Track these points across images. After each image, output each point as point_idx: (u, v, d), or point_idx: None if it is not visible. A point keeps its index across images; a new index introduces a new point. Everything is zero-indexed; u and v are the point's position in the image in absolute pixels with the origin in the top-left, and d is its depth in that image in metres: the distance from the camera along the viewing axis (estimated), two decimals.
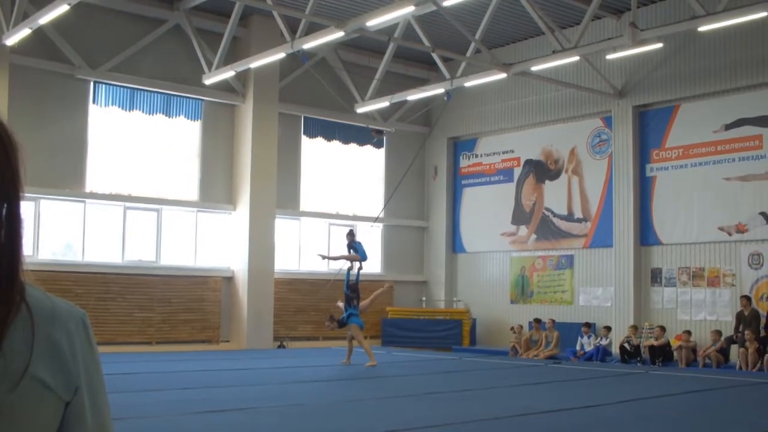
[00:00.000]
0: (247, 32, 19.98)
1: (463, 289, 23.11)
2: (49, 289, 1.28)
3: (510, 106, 21.93)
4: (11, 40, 16.00)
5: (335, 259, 16.61)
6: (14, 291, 1.25)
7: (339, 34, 15.48)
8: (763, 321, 16.33)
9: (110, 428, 1.36)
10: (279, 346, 20.33)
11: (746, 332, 15.97)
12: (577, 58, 16.74)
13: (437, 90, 19.42)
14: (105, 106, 18.76)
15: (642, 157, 19.24)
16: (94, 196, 18.44)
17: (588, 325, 18.84)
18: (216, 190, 20.36)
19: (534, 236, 21.52)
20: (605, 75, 19.33)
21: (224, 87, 19.98)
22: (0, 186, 1.25)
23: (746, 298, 16.76)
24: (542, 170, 21.46)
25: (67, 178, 18.06)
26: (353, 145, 22.87)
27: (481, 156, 22.99)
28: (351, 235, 16.43)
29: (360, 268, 15.91)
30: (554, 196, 21.13)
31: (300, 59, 18.00)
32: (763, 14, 14.09)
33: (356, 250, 16.13)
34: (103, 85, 18.69)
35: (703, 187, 18.05)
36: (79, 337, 1.32)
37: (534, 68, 17.61)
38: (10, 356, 1.21)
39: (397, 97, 19.98)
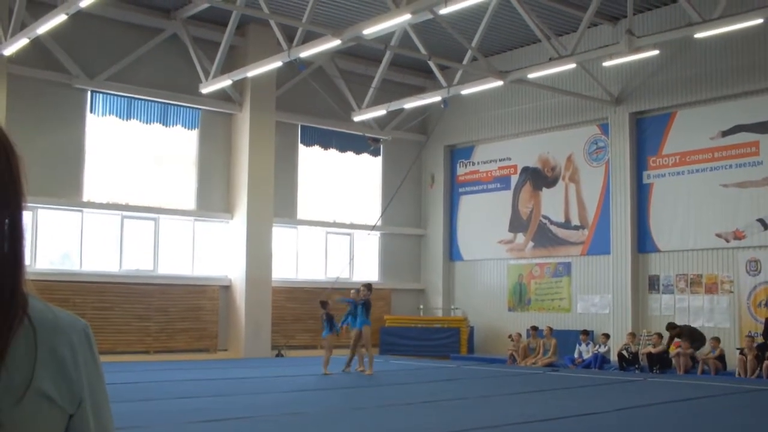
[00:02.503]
0: (244, 41, 20.01)
1: (461, 297, 23.09)
2: (46, 299, 1.27)
3: (506, 113, 21.95)
4: (9, 50, 16.00)
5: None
6: (17, 303, 1.23)
7: (336, 43, 15.50)
8: (760, 328, 16.34)
9: None
10: (277, 355, 20.29)
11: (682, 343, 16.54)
12: (573, 65, 16.77)
13: (434, 98, 19.44)
14: (102, 115, 18.76)
15: (639, 164, 19.26)
16: (91, 205, 18.42)
17: (586, 332, 18.80)
18: (213, 199, 20.35)
19: (531, 244, 21.52)
20: (602, 82, 19.36)
21: (221, 96, 19.98)
22: (2, 195, 1.24)
23: (659, 336, 17.33)
24: (539, 178, 21.47)
25: (65, 187, 18.04)
26: (350, 154, 22.88)
27: (478, 164, 23.01)
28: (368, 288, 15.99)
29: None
30: (551, 203, 21.14)
31: (297, 68, 17.99)
32: (759, 21, 14.14)
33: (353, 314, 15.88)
34: (101, 95, 18.69)
35: (701, 193, 18.07)
36: (82, 348, 1.31)
37: (530, 76, 17.64)
38: (13, 369, 1.20)
39: (394, 105, 20.00)
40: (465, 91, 18.86)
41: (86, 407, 1.29)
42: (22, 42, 15.60)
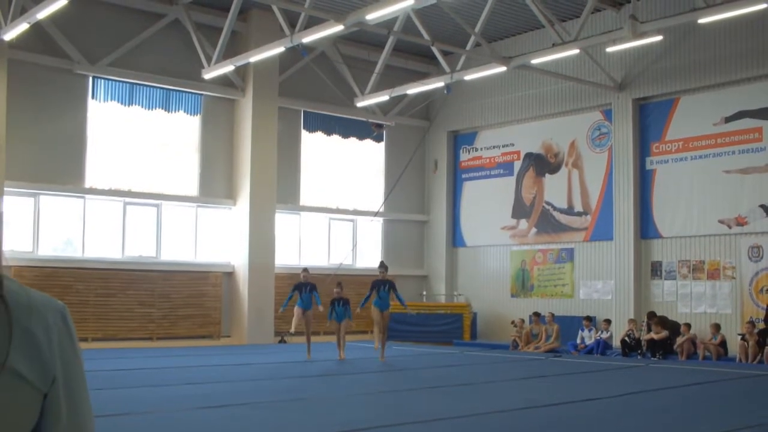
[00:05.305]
0: (246, 26, 19.95)
1: (464, 283, 23.10)
2: (49, 285, 1.27)
3: (510, 99, 21.89)
4: (9, 35, 15.96)
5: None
6: None
7: (338, 28, 15.44)
8: (762, 314, 16.35)
9: (88, 420, 1.36)
10: (280, 341, 20.33)
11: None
12: (576, 51, 16.70)
13: (437, 83, 19.39)
14: (104, 101, 18.73)
15: (642, 150, 19.22)
16: (93, 191, 18.42)
17: (589, 318, 18.84)
18: (216, 185, 20.35)
19: (534, 230, 21.51)
20: (605, 68, 19.29)
21: (224, 81, 19.94)
22: None
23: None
24: (542, 164, 21.44)
25: (67, 173, 18.03)
26: (353, 139, 22.84)
27: (481, 149, 22.97)
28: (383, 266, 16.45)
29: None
30: (554, 189, 21.11)
31: (299, 53, 17.94)
32: (763, 5, 14.03)
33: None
34: (102, 80, 18.65)
35: (703, 180, 18.03)
36: (56, 328, 1.32)
37: (534, 61, 17.57)
38: None
39: (397, 91, 19.94)
40: (468, 77, 18.79)
41: (59, 385, 1.30)
42: (22, 27, 15.53)
